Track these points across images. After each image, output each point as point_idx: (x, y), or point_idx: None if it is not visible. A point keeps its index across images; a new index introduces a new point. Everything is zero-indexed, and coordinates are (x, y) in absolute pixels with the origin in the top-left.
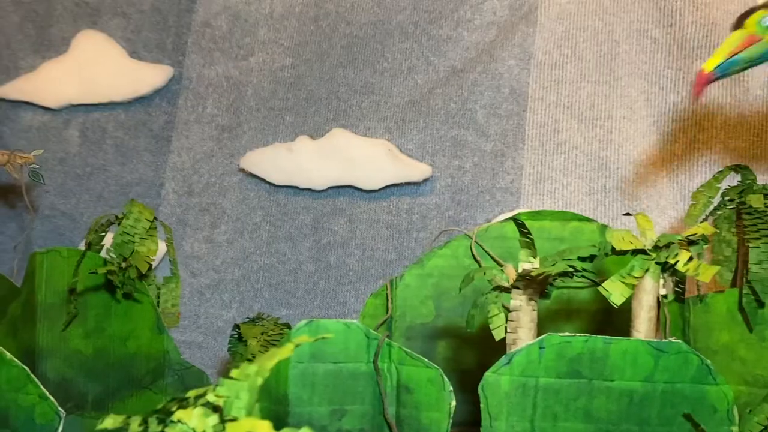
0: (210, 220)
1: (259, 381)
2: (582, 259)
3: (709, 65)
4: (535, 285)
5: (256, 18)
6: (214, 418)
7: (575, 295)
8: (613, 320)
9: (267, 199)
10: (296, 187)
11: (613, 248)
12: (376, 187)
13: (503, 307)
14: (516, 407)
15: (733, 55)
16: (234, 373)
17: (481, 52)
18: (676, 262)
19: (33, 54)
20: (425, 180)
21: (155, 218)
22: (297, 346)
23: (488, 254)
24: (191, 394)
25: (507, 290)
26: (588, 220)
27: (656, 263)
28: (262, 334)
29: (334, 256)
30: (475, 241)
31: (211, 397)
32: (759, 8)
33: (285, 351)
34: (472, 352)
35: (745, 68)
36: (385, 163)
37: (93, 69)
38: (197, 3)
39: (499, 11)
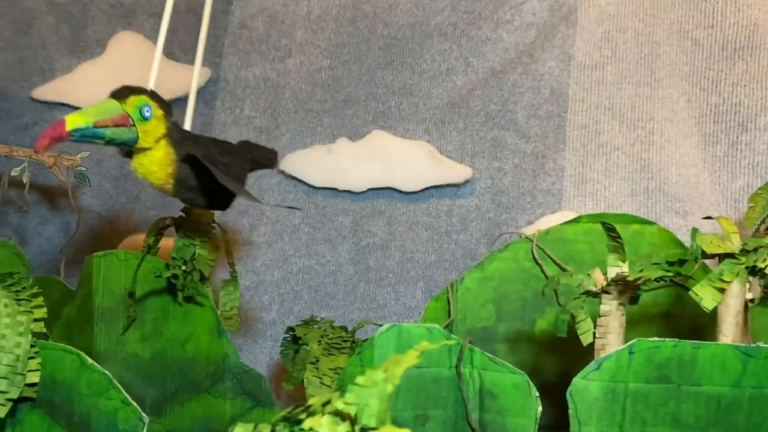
0: (249, 223)
1: (390, 388)
2: (670, 263)
3: (71, 123)
4: (629, 290)
5: (293, 19)
6: (344, 426)
7: None
8: (674, 323)
9: (306, 201)
10: (335, 189)
11: (703, 252)
12: (416, 189)
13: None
14: (605, 412)
15: (100, 126)
16: (360, 380)
17: (520, 54)
18: (766, 266)
19: (68, 55)
20: (465, 182)
21: (214, 221)
22: (421, 352)
23: (549, 257)
24: (314, 401)
25: (594, 295)
26: (649, 222)
27: (745, 267)
28: (322, 337)
29: (373, 258)
30: (537, 245)
31: (339, 405)
32: (146, 92)
33: (410, 358)
34: (534, 355)
35: (108, 144)
36: (424, 164)
37: (129, 70)
38: (234, 4)
39: (539, 12)
